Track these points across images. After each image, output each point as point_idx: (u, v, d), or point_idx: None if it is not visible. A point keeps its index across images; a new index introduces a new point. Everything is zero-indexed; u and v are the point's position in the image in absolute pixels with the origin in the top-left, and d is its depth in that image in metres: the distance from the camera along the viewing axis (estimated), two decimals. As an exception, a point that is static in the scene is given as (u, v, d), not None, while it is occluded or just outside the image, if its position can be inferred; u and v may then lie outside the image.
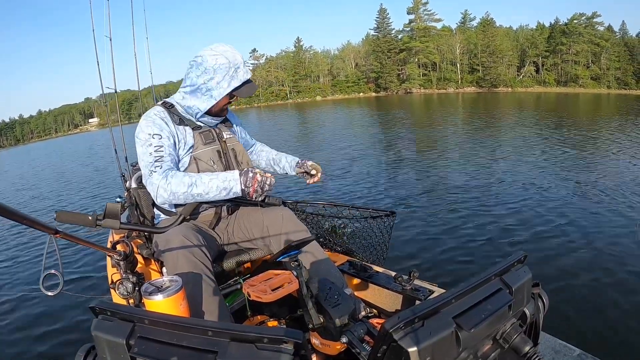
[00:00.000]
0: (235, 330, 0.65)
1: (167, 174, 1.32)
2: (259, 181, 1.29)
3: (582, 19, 44.17)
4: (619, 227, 4.29)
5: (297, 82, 59.29)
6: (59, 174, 13.52)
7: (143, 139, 1.37)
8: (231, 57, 1.39)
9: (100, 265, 3.76)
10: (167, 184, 1.30)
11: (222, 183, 1.31)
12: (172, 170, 1.35)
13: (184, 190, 1.30)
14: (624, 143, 9.49)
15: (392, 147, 10.86)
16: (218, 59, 1.37)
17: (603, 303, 2.84)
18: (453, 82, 50.52)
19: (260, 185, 1.29)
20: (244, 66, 1.42)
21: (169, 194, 1.31)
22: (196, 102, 1.44)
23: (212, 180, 1.31)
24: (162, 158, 1.35)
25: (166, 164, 1.35)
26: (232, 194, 1.32)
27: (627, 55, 42.44)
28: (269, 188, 1.31)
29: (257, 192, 1.29)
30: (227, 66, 1.37)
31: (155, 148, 1.35)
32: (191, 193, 1.31)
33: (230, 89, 1.40)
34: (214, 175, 1.33)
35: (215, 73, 1.38)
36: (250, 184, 1.29)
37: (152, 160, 1.34)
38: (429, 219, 4.83)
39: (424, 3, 51.15)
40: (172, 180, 1.30)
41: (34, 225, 0.63)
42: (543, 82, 45.98)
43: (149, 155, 1.35)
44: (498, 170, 7.40)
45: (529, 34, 49.83)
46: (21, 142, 74.61)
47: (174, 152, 1.41)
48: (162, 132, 1.39)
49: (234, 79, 1.39)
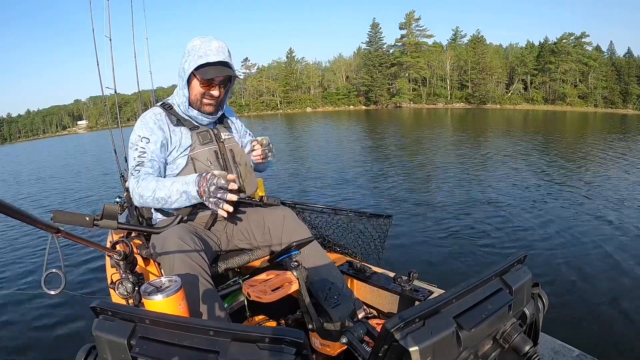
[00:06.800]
0: (236, 330, 0.65)
1: (139, 178, 1.34)
2: (207, 180, 1.23)
3: (571, 39, 44.68)
4: (619, 229, 4.33)
5: (287, 93, 59.28)
6: (59, 173, 13.48)
7: (133, 140, 1.41)
8: (206, 40, 1.38)
9: (101, 265, 3.75)
10: (138, 187, 1.33)
11: (181, 186, 1.28)
12: (148, 174, 1.36)
13: (149, 195, 1.31)
14: (613, 156, 9.76)
15: (385, 158, 10.88)
16: (194, 42, 1.39)
17: (603, 303, 2.85)
18: (442, 97, 51.04)
19: (207, 185, 1.22)
20: (219, 51, 1.37)
21: (139, 197, 1.34)
22: (179, 91, 1.46)
23: (173, 184, 1.30)
24: (142, 163, 1.37)
25: (145, 168, 1.36)
26: (192, 198, 1.28)
27: (615, 74, 43.02)
28: (214, 189, 1.21)
29: (206, 193, 1.23)
30: (198, 47, 1.36)
31: (139, 153, 1.38)
32: (156, 197, 1.31)
33: (193, 67, 1.36)
34: (177, 179, 1.32)
35: (189, 55, 1.38)
36: (201, 184, 1.24)
37: (134, 165, 1.37)
38: (427, 222, 4.86)
39: (416, 19, 51.67)
40: (141, 184, 1.32)
41: (36, 224, 0.63)
42: (531, 100, 46.53)
43: (133, 159, 1.39)
44: (495, 177, 7.50)
45: (519, 52, 50.50)
46: (8, 141, 73.31)
47: (159, 158, 1.40)
48: (151, 136, 1.40)
49: (201, 58, 1.35)
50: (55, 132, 77.92)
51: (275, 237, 1.48)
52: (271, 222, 1.50)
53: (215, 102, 1.47)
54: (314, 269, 1.39)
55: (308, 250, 1.42)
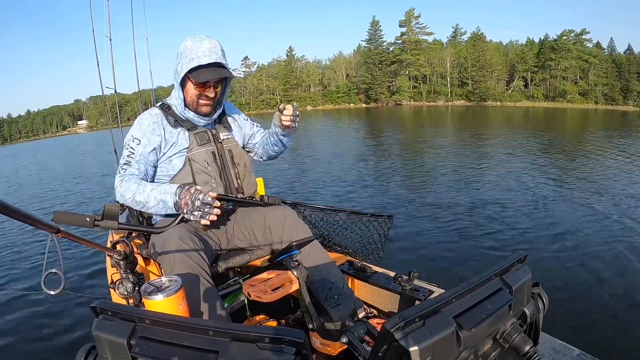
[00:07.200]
0: (236, 330, 0.65)
1: (123, 178, 1.35)
2: (190, 193, 1.22)
3: (571, 36, 44.68)
4: (618, 229, 4.32)
5: (288, 91, 59.28)
6: (59, 174, 13.49)
7: (126, 140, 1.44)
8: (197, 40, 1.36)
9: (101, 265, 3.75)
10: (120, 187, 1.34)
11: (159, 194, 1.27)
12: (132, 175, 1.36)
13: (129, 196, 1.31)
14: (614, 153, 9.75)
15: (386, 156, 10.86)
16: (185, 43, 1.37)
17: (603, 302, 2.85)
18: (443, 95, 51.00)
19: (191, 199, 1.21)
20: (211, 51, 1.35)
21: (120, 196, 1.35)
22: (174, 93, 1.46)
23: (152, 191, 1.29)
24: (129, 163, 1.38)
25: (130, 169, 1.37)
26: (168, 209, 1.27)
27: (615, 71, 43.03)
28: (199, 205, 1.21)
29: (188, 205, 1.22)
30: (190, 48, 1.35)
31: (128, 152, 1.40)
32: (135, 200, 1.31)
33: (185, 70, 1.35)
34: (156, 186, 1.31)
35: (181, 57, 1.37)
36: (182, 197, 1.23)
37: (122, 163, 1.39)
38: (428, 221, 4.85)
39: (416, 16, 51.72)
40: (124, 184, 1.33)
41: (36, 224, 0.63)
42: (531, 97, 46.53)
43: (122, 157, 1.41)
44: (495, 176, 7.49)
45: (519, 49, 50.46)
46: (8, 141, 73.43)
47: (146, 160, 1.41)
48: (142, 139, 1.40)
49: (193, 60, 1.34)
50: (55, 132, 77.97)
51: (276, 236, 1.48)
52: (272, 221, 1.49)
53: (212, 102, 1.46)
54: (314, 268, 1.39)
55: (309, 250, 1.42)
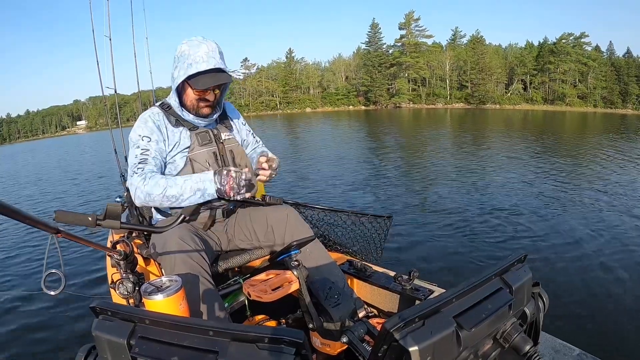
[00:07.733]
0: (236, 330, 0.65)
1: (146, 176, 1.32)
2: (233, 177, 1.23)
3: (570, 39, 44.53)
4: (618, 229, 4.32)
5: (287, 93, 59.19)
6: (59, 174, 13.49)
7: (133, 139, 1.40)
8: (194, 45, 1.33)
9: (101, 265, 3.75)
10: (144, 185, 1.30)
11: (195, 184, 1.27)
12: (153, 172, 1.34)
13: (159, 192, 1.28)
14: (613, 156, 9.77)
15: (385, 158, 10.84)
16: (182, 47, 1.35)
17: (603, 303, 2.85)
18: (442, 97, 50.89)
19: (236, 181, 1.23)
20: (209, 56, 1.32)
21: (145, 195, 1.30)
22: (172, 95, 1.44)
23: (186, 182, 1.29)
24: (146, 160, 1.35)
25: (148, 166, 1.34)
26: (208, 195, 1.28)
27: (614, 75, 42.90)
28: (245, 183, 1.23)
29: (234, 189, 1.23)
30: (187, 54, 1.33)
31: (141, 150, 1.36)
32: (166, 195, 1.29)
33: (183, 77, 1.33)
34: (189, 177, 1.31)
35: (178, 62, 1.35)
36: (225, 182, 1.24)
37: (137, 162, 1.35)
38: (428, 221, 4.86)
39: (416, 19, 51.52)
40: (149, 182, 1.30)
41: (36, 225, 0.63)
42: (530, 100, 46.41)
43: (135, 157, 1.36)
44: (495, 176, 7.51)
45: (518, 52, 50.37)
46: (7, 141, 73.13)
47: (161, 156, 1.39)
48: (151, 135, 1.38)
49: (191, 67, 1.31)
50: (54, 132, 77.83)
51: (278, 236, 1.47)
52: (274, 221, 1.49)
53: (212, 103, 1.45)
54: (315, 267, 1.39)
55: (310, 249, 1.42)
